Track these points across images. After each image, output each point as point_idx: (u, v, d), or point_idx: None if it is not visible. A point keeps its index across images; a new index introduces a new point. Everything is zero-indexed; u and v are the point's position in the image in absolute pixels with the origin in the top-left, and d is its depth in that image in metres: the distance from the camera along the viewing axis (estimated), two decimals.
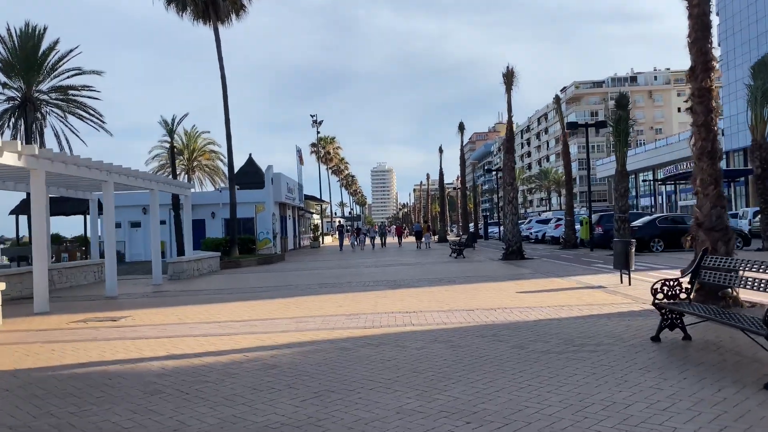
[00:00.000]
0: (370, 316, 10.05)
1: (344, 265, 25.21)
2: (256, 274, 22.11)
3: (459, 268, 20.50)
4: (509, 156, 23.61)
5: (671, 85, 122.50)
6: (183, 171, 67.10)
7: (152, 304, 13.81)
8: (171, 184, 20.65)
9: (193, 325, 9.97)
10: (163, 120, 33.53)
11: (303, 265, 26.97)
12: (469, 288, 13.79)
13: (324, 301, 12.44)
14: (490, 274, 17.73)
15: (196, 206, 40.34)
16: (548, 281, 14.73)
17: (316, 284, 16.59)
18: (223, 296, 14.69)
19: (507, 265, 20.73)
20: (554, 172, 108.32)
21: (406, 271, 20.11)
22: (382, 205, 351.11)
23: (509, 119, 23.59)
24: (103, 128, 35.23)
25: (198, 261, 22.81)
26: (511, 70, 23.27)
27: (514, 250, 23.21)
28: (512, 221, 23.35)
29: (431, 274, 18.44)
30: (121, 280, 21.79)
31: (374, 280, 16.84)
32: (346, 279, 17.85)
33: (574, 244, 30.33)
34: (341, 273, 20.38)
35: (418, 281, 16.03)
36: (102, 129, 35.26)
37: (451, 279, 16.25)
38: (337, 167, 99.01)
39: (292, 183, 44.09)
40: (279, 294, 14.43)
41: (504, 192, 23.76)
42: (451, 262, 23.52)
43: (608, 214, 30.65)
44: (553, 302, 10.81)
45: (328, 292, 14.23)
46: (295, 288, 15.80)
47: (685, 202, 73.00)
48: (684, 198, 73.78)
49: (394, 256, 30.24)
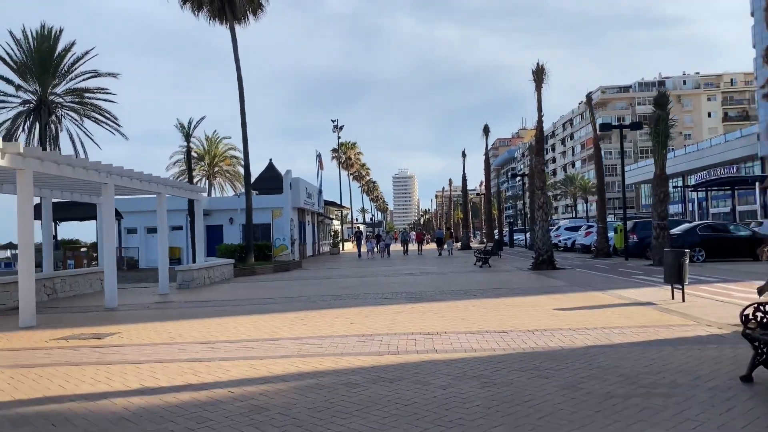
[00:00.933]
0: (386, 338, 8.66)
1: (362, 273, 23.86)
2: (269, 283, 20.87)
3: (485, 278, 19.02)
4: (539, 158, 22.08)
5: (701, 89, 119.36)
6: (204, 176, 66.74)
7: (150, 317, 12.60)
8: (180, 188, 19.56)
9: (183, 347, 8.69)
10: (180, 123, 32.61)
11: (320, 273, 25.69)
12: (499, 303, 12.33)
13: (336, 317, 11.09)
14: (520, 286, 16.22)
15: (215, 212, 39.54)
16: (588, 296, 13.19)
17: (330, 295, 15.27)
18: (229, 309, 13.44)
19: (538, 276, 19.18)
20: (580, 178, 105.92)
21: (428, 281, 18.69)
22: (404, 211, 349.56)
23: (539, 119, 22.07)
24: (119, 132, 34.49)
25: (209, 269, 21.66)
26: (541, 67, 21.79)
27: (545, 260, 21.64)
28: (543, 228, 21.78)
29: (455, 285, 16.99)
30: (128, 289, 20.78)
31: (393, 292, 15.46)
32: (363, 289, 16.49)
33: (607, 252, 28.61)
34: (358, 283, 19.04)
35: (441, 294, 14.61)
36: (118, 132, 34.52)
37: (478, 292, 14.79)
38: (358, 173, 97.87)
39: (311, 188, 42.94)
40: (289, 307, 13.13)
41: (533, 197, 22.21)
42: (476, 272, 22.03)
43: (643, 221, 28.90)
44: (600, 322, 9.31)
45: (342, 305, 12.88)
46: (306, 300, 14.48)
47: (717, 209, 70.37)
48: (716, 205, 71.15)
49: (415, 264, 28.82)
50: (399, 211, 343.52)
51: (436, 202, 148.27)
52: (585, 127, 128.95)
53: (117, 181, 15.60)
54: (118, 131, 34.45)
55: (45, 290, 17.34)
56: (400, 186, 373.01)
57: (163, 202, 18.44)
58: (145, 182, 17.16)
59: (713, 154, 70.15)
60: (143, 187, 17.24)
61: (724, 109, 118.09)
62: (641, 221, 28.01)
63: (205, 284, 20.77)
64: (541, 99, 21.93)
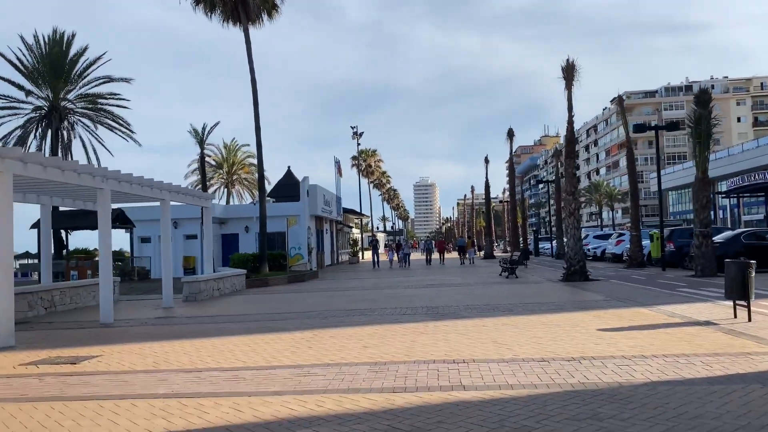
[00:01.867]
0: (402, 367, 7.28)
1: (381, 285, 22.48)
2: (282, 295, 19.61)
3: (513, 291, 17.52)
4: (570, 161, 20.54)
5: (730, 93, 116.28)
6: (222, 185, 66.06)
7: (143, 335, 11.37)
8: (186, 194, 18.42)
9: (165, 376, 7.40)
10: (193, 129, 31.80)
11: (336, 284, 24.37)
12: (533, 322, 10.85)
13: (347, 338, 9.73)
14: (554, 300, 14.69)
15: (230, 220, 38.57)
16: (633, 312, 11.65)
17: (345, 310, 13.92)
18: (232, 326, 12.17)
19: (571, 289, 17.62)
20: (606, 185, 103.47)
21: (451, 294, 17.25)
22: (425, 219, 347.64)
23: (569, 119, 20.55)
24: (132, 138, 33.73)
25: (219, 280, 20.47)
26: (571, 63, 20.30)
27: (577, 270, 20.06)
28: (574, 237, 20.21)
29: (481, 298, 15.53)
30: (133, 301, 19.67)
31: (412, 307, 14.06)
32: (380, 304, 15.11)
33: (641, 262, 26.86)
34: (376, 296, 17.66)
35: (465, 309, 13.17)
36: (131, 139, 33.75)
37: (507, 307, 13.32)
38: (378, 181, 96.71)
39: (330, 195, 41.75)
40: (297, 324, 11.81)
41: (564, 202, 20.66)
42: (502, 283, 20.53)
43: (681, 229, 27.15)
44: (658, 348, 7.82)
45: (355, 323, 11.53)
46: (317, 316, 13.15)
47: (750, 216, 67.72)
48: (748, 212, 68.52)
49: (437, 275, 27.36)
50: (420, 219, 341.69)
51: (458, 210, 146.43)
52: (609, 133, 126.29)
53: (114, 186, 14.48)
54: (131, 138, 33.71)
55: (42, 303, 16.27)
56: (421, 194, 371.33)
57: (166, 209, 17.30)
58: (147, 188, 16.03)
59: (745, 159, 67.58)
60: (144, 193, 16.10)
61: (755, 114, 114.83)
62: (678, 228, 26.26)
63: (214, 296, 19.58)
64: (571, 98, 20.44)
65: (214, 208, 36.95)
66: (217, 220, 37.20)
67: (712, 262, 20.12)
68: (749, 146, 70.12)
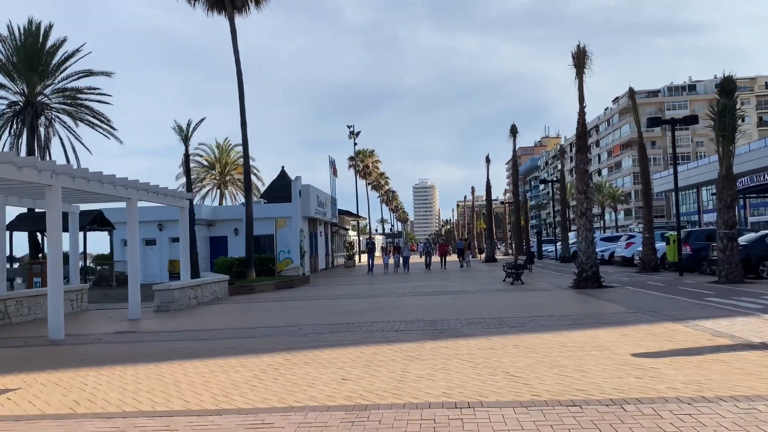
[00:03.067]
0: (389, 414, 5.46)
1: (375, 292, 20.67)
2: (265, 305, 17.82)
3: (521, 300, 15.70)
4: (581, 156, 18.74)
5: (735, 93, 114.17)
6: (215, 186, 64.25)
7: (86, 359, 9.57)
8: (158, 193, 16.60)
9: (73, 426, 5.59)
10: (178, 126, 29.69)
11: (327, 290, 22.55)
12: (550, 342, 9.04)
13: (325, 365, 7.94)
14: (568, 311, 12.88)
15: (219, 222, 36.73)
16: (667, 330, 9.84)
17: (330, 325, 12.12)
18: (194, 345, 10.38)
19: (585, 298, 15.80)
20: (608, 186, 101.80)
21: (452, 304, 15.44)
22: (425, 222, 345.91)
23: (581, 110, 18.77)
24: (114, 135, 31.92)
25: (196, 287, 18.67)
26: (582, 49, 18.54)
27: (590, 276, 18.26)
28: (586, 239, 18.40)
29: (486, 310, 13.72)
30: (102, 311, 17.85)
31: (407, 320, 12.25)
32: (371, 316, 13.31)
33: (655, 266, 25.07)
34: (367, 306, 15.85)
35: (468, 324, 11.36)
36: (112, 136, 31.96)
37: (517, 321, 11.51)
38: (376, 182, 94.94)
39: (324, 196, 39.95)
40: (270, 343, 10.02)
41: (576, 201, 18.85)
42: (507, 291, 18.73)
43: (697, 231, 25.36)
44: (721, 385, 6.01)
45: (339, 342, 9.72)
46: (297, 332, 11.34)
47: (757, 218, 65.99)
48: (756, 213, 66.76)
49: (436, 281, 25.56)
50: (419, 221, 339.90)
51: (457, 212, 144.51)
52: (611, 133, 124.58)
53: (66, 183, 12.67)
54: (113, 135, 31.91)
55: None
56: (421, 196, 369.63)
57: (133, 209, 15.49)
58: (108, 185, 14.20)
59: (752, 159, 65.74)
60: (106, 192, 14.29)
61: (759, 114, 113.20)
62: (695, 230, 24.47)
63: (190, 306, 17.78)
64: (582, 87, 18.67)
65: (201, 209, 35.17)
66: (204, 221, 35.41)
67: (737, 267, 18.35)
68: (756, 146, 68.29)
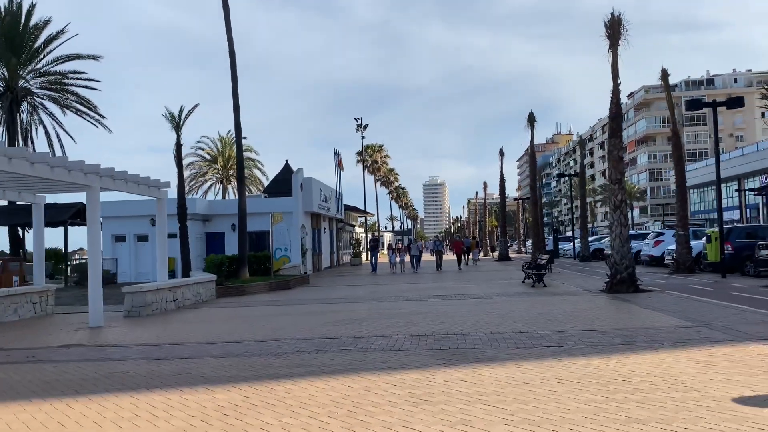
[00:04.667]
0: None
1: (379, 295, 18.36)
2: (252, 310, 15.58)
3: (549, 307, 13.32)
4: (615, 141, 16.29)
5: (753, 87, 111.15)
6: (218, 180, 62.17)
7: None
8: (127, 181, 14.33)
9: None
10: (169, 113, 27.47)
11: (325, 293, 20.26)
12: (607, 373, 6.66)
13: (295, 410, 5.63)
14: (613, 324, 10.46)
15: (215, 217, 34.48)
16: (756, 355, 7.44)
17: (317, 340, 9.83)
18: (139, 370, 8.14)
19: (626, 305, 13.38)
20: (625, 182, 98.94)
21: (467, 312, 13.10)
22: (435, 219, 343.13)
23: (615, 88, 16.32)
24: (102, 124, 29.84)
25: (175, 289, 16.44)
26: (617, 18, 16.11)
27: (625, 279, 15.83)
28: (621, 236, 15.98)
29: (509, 320, 11.36)
30: (69, 314, 15.67)
31: (413, 335, 9.92)
32: (369, 328, 10.99)
33: (690, 267, 22.59)
34: (367, 313, 13.55)
35: (490, 341, 9.02)
36: (100, 125, 29.87)
37: (551, 337, 9.14)
38: (386, 178, 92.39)
39: (328, 190, 37.65)
40: (234, 368, 7.76)
41: (609, 193, 16.41)
42: (530, 294, 16.36)
43: (738, 228, 22.89)
44: None
45: (323, 370, 7.43)
46: (275, 349, 9.05)
47: None
48: None
49: (448, 282, 23.22)
50: (429, 219, 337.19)
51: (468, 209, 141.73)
52: (626, 129, 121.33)
53: (3, 166, 10.46)
54: (101, 123, 29.82)
55: None
56: (431, 194, 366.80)
57: (95, 199, 13.26)
58: (61, 170, 11.97)
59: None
60: (60, 178, 12.07)
61: None
62: (736, 227, 22.03)
63: (168, 310, 15.57)
64: (617, 60, 16.22)
65: (195, 203, 32.97)
66: (200, 216, 33.22)
67: None
68: None
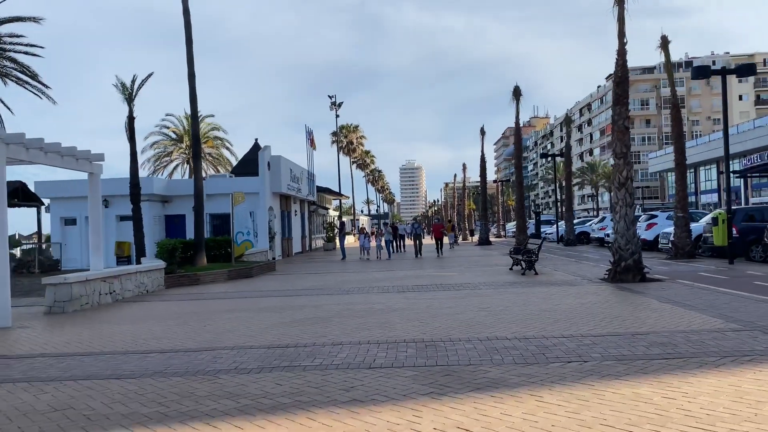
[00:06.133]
0: None
1: (350, 285, 16.14)
2: (199, 305, 13.28)
3: (550, 301, 11.24)
4: (621, 108, 14.17)
5: None
6: (184, 160, 59.00)
7: None
8: (44, 151, 11.83)
9: None
10: (120, 83, 24.67)
11: (290, 282, 17.96)
12: (673, 413, 4.55)
13: None
14: (639, 327, 8.37)
15: (175, 198, 31.78)
16: None
17: (264, 349, 7.61)
18: (12, 404, 5.82)
19: (639, 299, 11.34)
20: (603, 165, 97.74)
21: (455, 308, 10.96)
22: (411, 203, 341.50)
23: (621, 48, 14.19)
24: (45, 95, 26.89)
25: (112, 279, 14.04)
26: None
27: (630, 266, 13.84)
28: (626, 217, 13.96)
29: (507, 320, 9.24)
30: None
31: (390, 342, 7.73)
32: (334, 331, 8.78)
33: (690, 252, 20.80)
34: (334, 309, 11.33)
35: (490, 352, 6.86)
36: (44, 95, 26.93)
37: (567, 347, 7.01)
38: (361, 160, 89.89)
39: (299, 170, 35.19)
40: (146, 398, 5.51)
41: (614, 169, 14.31)
42: (522, 285, 14.30)
43: (743, 209, 21.08)
44: None
45: (254, 406, 5.20)
46: (204, 365, 6.79)
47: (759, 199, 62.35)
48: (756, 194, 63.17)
49: (428, 269, 21.12)
50: (406, 202, 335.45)
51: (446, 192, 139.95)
52: (605, 111, 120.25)
53: None
54: (44, 94, 26.88)
55: None
56: (408, 177, 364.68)
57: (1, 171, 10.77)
58: None
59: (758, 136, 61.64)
60: None
61: (757, 92, 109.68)
62: (741, 208, 20.20)
63: (102, 304, 13.19)
64: (623, 16, 14.09)
65: (152, 182, 30.28)
66: (158, 197, 30.60)
67: None
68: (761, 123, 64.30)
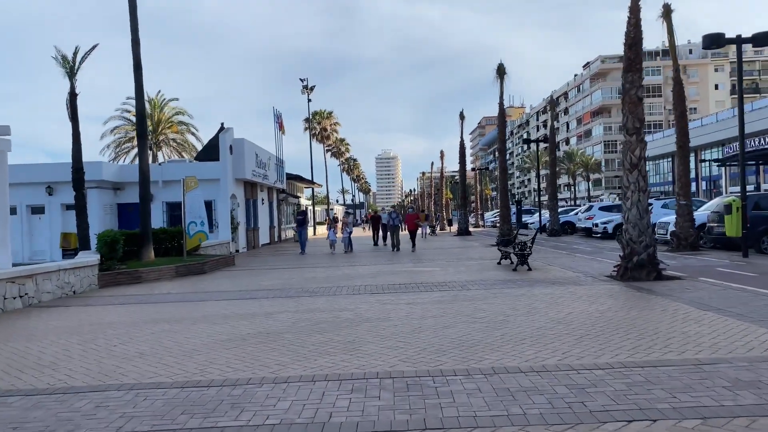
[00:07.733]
0: None
1: (315, 285, 13.79)
2: (130, 311, 10.86)
3: (557, 309, 9.07)
4: (634, 76, 11.98)
5: (708, 59, 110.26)
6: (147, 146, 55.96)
7: None
8: None
9: None
10: (61, 56, 21.83)
11: (247, 281, 15.52)
12: None
13: None
14: (698, 351, 6.18)
15: (128, 185, 28.87)
16: None
17: (177, 391, 5.26)
18: None
19: (670, 305, 9.22)
20: (581, 154, 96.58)
21: (440, 320, 8.73)
22: (387, 193, 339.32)
23: (634, 5, 12.03)
24: None
25: (23, 279, 11.51)
26: None
27: (644, 261, 11.77)
28: (639, 206, 11.87)
29: (512, 340, 7.04)
30: None
31: (356, 379, 5.45)
32: (280, 361, 6.46)
33: (693, 243, 18.93)
34: (290, 320, 9.01)
35: (506, 407, 4.64)
36: None
37: (617, 389, 4.82)
38: (336, 148, 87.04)
39: (265, 155, 32.60)
40: None
41: (624, 147, 12.13)
42: (517, 284, 12.12)
43: (753, 196, 19.24)
44: None
45: None
46: (84, 425, 4.44)
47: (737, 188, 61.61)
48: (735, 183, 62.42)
49: (406, 265, 18.89)
50: (382, 192, 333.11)
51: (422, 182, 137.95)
52: (582, 100, 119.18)
53: None
54: None
55: None
56: (383, 167, 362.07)
57: None
58: None
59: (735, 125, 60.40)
60: None
61: (733, 81, 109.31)
62: (751, 195, 18.34)
63: (8, 310, 10.69)
64: None
65: (102, 167, 27.41)
66: (109, 184, 27.83)
67: None
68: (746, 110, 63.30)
